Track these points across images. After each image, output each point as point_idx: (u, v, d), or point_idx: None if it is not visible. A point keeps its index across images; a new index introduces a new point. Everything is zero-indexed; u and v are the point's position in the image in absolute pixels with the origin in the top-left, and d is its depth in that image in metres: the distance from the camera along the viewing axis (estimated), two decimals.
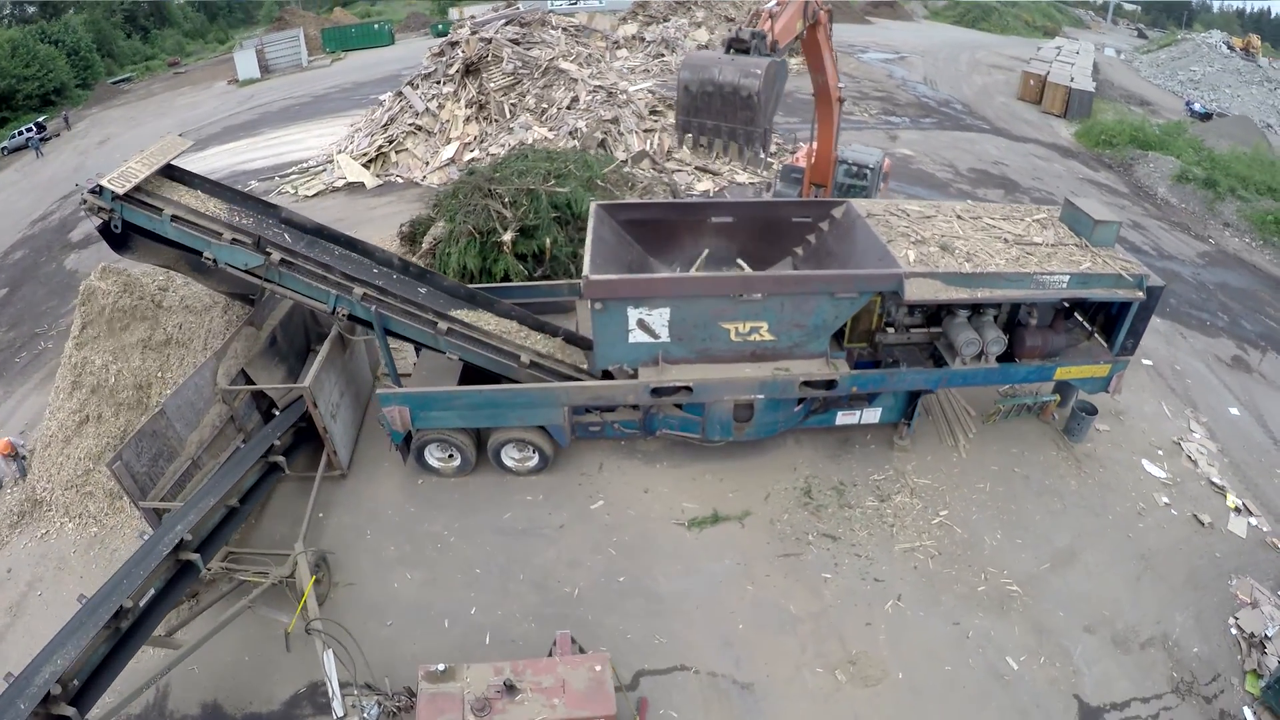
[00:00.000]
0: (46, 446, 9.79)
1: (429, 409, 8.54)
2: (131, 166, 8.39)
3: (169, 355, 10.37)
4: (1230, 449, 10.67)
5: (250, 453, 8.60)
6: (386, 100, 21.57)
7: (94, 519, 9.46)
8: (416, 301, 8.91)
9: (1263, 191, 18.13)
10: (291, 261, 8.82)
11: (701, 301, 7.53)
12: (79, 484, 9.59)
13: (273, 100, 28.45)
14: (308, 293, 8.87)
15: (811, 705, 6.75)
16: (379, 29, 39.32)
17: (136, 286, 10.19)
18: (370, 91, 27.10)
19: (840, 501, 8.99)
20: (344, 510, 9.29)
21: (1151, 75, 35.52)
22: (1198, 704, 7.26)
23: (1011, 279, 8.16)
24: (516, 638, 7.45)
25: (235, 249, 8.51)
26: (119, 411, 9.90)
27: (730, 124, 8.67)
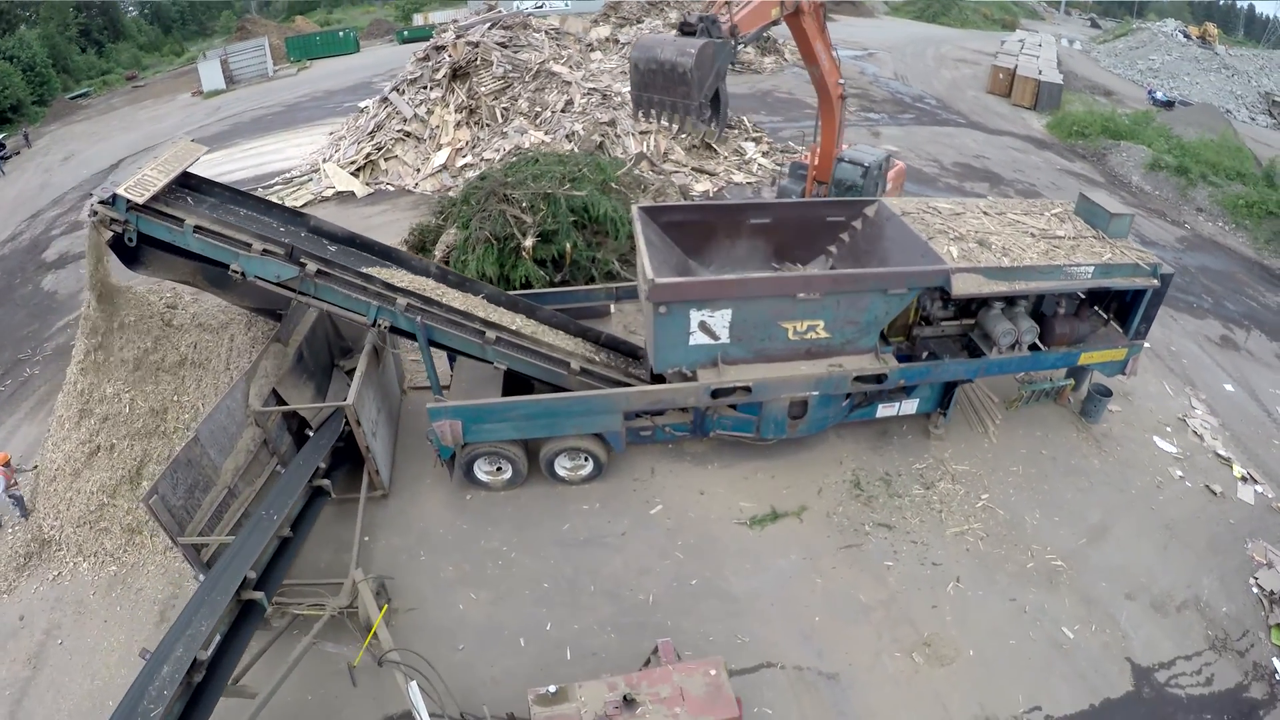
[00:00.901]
0: (52, 481, 9.35)
1: (483, 421, 8.61)
2: (147, 174, 8.08)
3: (184, 377, 10.16)
4: (1230, 423, 11.68)
5: (296, 477, 8.39)
6: (370, 107, 21.48)
7: (111, 557, 9.08)
8: (463, 310, 8.96)
9: (1232, 177, 19.59)
10: (328, 272, 8.65)
11: (763, 302, 8.00)
12: (92, 520, 9.21)
13: (243, 111, 27.98)
14: (346, 304, 8.76)
15: (895, 689, 7.28)
16: (344, 37, 39.19)
17: (143, 305, 9.94)
18: (343, 100, 26.86)
19: (889, 491, 9.59)
20: (391, 532, 9.21)
21: (1111, 65, 37.59)
22: (1233, 659, 8.05)
23: (1044, 271, 8.87)
24: (597, 650, 7.58)
25: (267, 261, 8.31)
26: (133, 441, 9.58)
27: (671, 98, 9.93)
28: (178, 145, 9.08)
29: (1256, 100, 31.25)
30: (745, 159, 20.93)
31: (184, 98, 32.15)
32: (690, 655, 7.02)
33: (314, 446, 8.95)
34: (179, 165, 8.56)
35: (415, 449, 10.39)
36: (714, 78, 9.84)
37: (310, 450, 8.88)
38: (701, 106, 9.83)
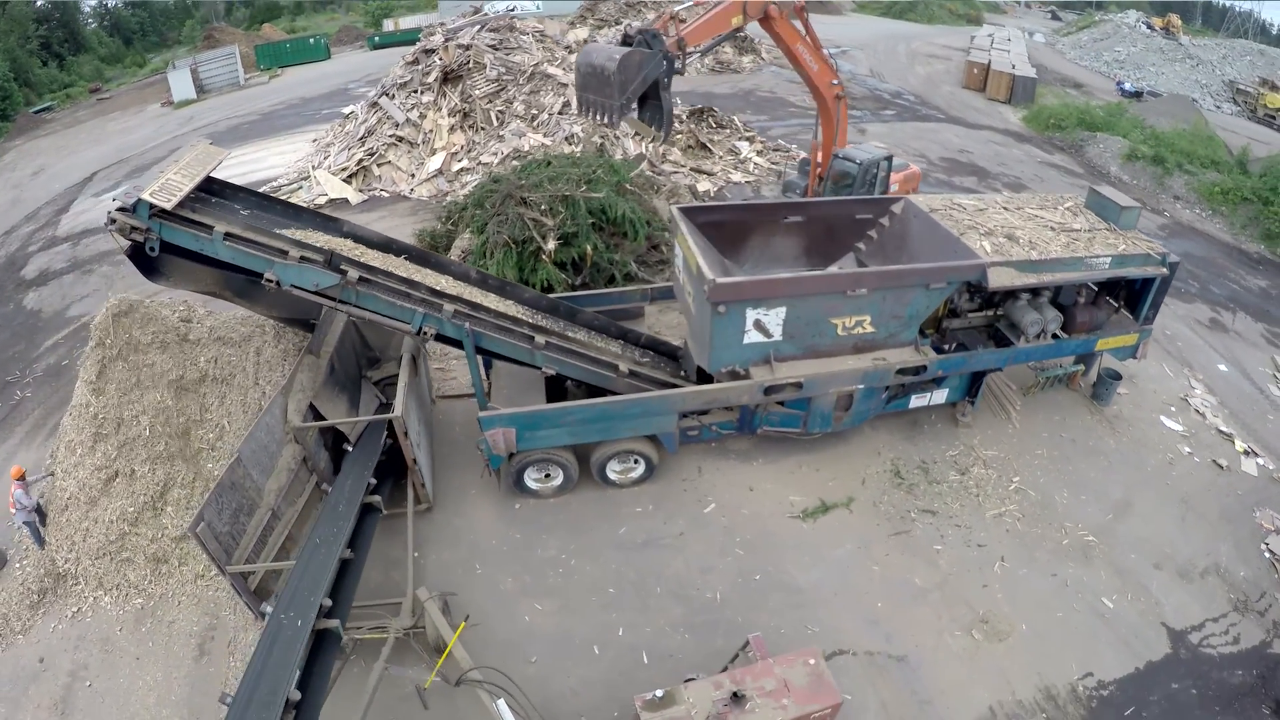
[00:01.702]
0: (64, 510, 8.98)
1: (537, 428, 8.78)
2: (171, 179, 7.75)
3: (206, 394, 9.90)
4: (1227, 400, 12.67)
5: (347, 495, 8.25)
6: (359, 112, 21.45)
7: (136, 589, 8.74)
8: (511, 315, 9.01)
9: (1206, 165, 20.94)
10: (370, 279, 8.44)
11: (815, 299, 8.50)
12: (113, 550, 8.85)
13: (217, 120, 27.62)
14: (390, 312, 8.56)
15: (961, 666, 7.85)
16: (314, 43, 38.97)
17: (156, 319, 9.67)
18: (320, 107, 26.71)
19: (928, 479, 10.21)
20: (441, 546, 9.19)
21: (1077, 57, 39.42)
22: (1255, 618, 8.87)
23: (1068, 263, 9.59)
24: (674, 652, 7.81)
25: (305, 268, 8.04)
26: (155, 465, 9.27)
27: (600, 98, 11.22)
28: (197, 149, 8.79)
29: (1221, 89, 33.22)
30: (741, 158, 21.52)
31: (153, 108, 31.58)
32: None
33: (359, 462, 8.85)
34: (202, 169, 8.24)
35: (451, 460, 10.49)
36: (639, 83, 11.18)
37: (357, 466, 8.78)
38: (623, 107, 11.20)
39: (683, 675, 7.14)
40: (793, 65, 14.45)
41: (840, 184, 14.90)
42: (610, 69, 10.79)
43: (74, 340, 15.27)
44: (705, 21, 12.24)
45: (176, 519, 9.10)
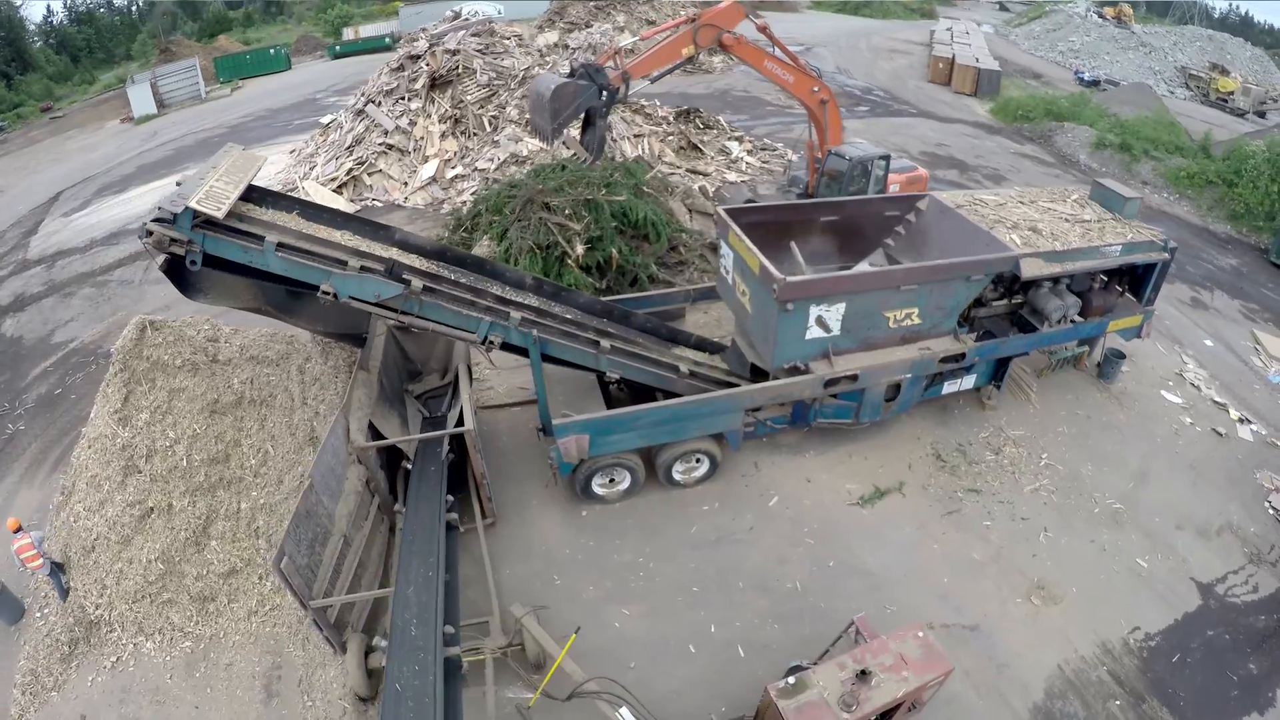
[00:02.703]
0: (90, 552, 8.58)
1: (610, 433, 9.19)
2: (215, 186, 7.46)
3: (243, 417, 9.59)
4: (1217, 373, 14.05)
5: (430, 514, 8.38)
6: (344, 120, 21.47)
7: (181, 631, 8.37)
8: (576, 321, 9.29)
9: (1171, 151, 22.77)
10: (435, 288, 8.43)
11: (871, 294, 9.29)
12: (152, 592, 8.44)
13: (183, 134, 27.17)
14: (455, 322, 8.61)
15: (1027, 630, 8.72)
16: (275, 54, 38.90)
17: (182, 340, 9.37)
18: (291, 118, 26.60)
19: (966, 460, 11.14)
20: (514, 559, 9.38)
21: (1032, 48, 41.83)
22: (1269, 569, 10.05)
23: (1086, 252, 10.64)
24: (768, 643, 8.30)
25: (365, 279, 7.94)
26: (194, 497, 8.91)
27: (541, 122, 12.70)
28: (231, 154, 8.55)
29: (1174, 75, 35.80)
30: (732, 158, 22.37)
31: (113, 125, 30.90)
32: None
33: (427, 479, 8.95)
34: (243, 175, 7.97)
35: (503, 471, 10.65)
36: (571, 111, 12.64)
37: (426, 484, 8.89)
38: (557, 130, 12.66)
39: (780, 665, 7.83)
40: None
41: (834, 179, 15.88)
42: (545, 97, 12.23)
43: (64, 368, 15.05)
44: (653, 54, 13.51)
45: (223, 553, 8.81)
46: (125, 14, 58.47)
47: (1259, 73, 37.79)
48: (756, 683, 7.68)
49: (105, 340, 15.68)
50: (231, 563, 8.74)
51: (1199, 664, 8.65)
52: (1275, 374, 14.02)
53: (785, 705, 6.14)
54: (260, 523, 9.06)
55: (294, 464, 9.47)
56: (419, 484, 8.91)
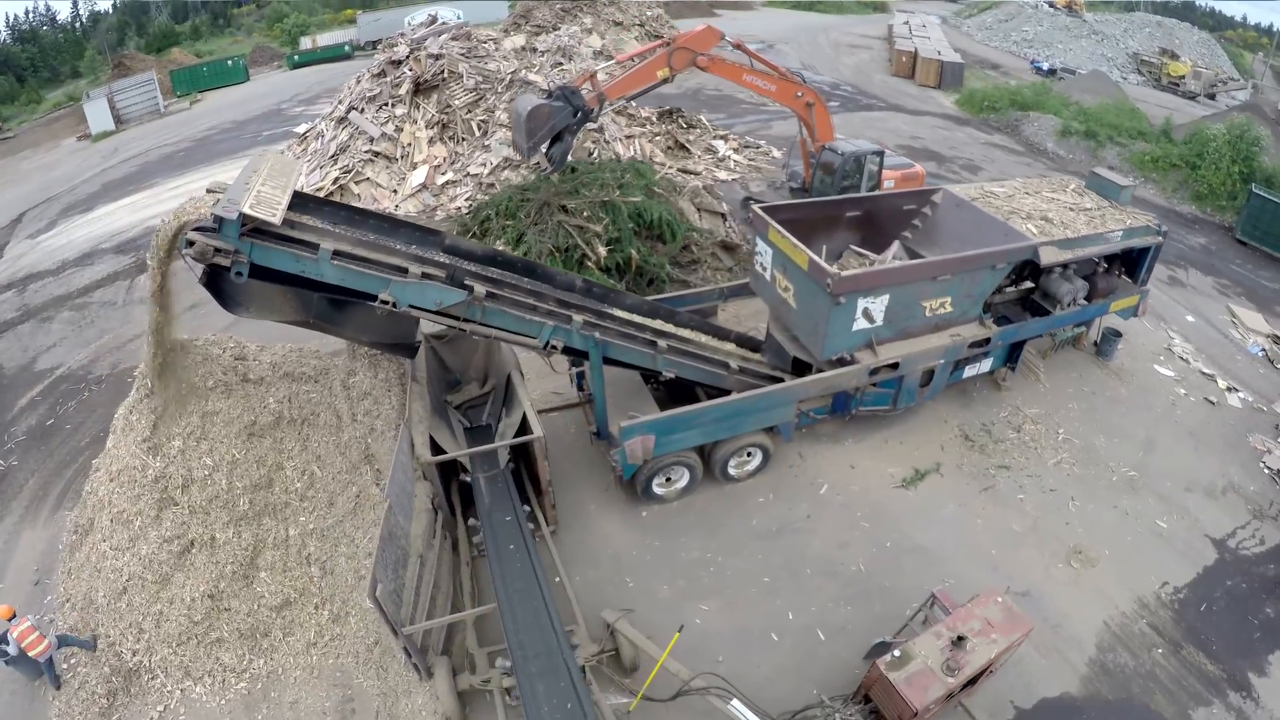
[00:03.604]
0: (121, 594, 8.22)
1: (674, 431, 9.67)
2: (263, 191, 7.21)
3: (283, 438, 9.37)
4: (1202, 346, 15.44)
5: (514, 524, 8.53)
6: (325, 129, 21.42)
7: (233, 672, 8.09)
8: (635, 323, 9.64)
9: (1134, 136, 24.53)
10: (498, 294, 8.45)
11: (912, 285, 10.08)
12: (198, 633, 8.11)
13: (147, 150, 26.63)
14: (517, 328, 8.70)
15: (1071, 592, 9.62)
16: (233, 65, 38.83)
17: (210, 360, 9.25)
18: (259, 129, 26.40)
19: (992, 439, 12.07)
20: (582, 565, 9.56)
21: (985, 39, 43.99)
22: (1271, 523, 11.24)
23: (1093, 239, 11.69)
24: (844, 624, 8.88)
25: (426, 286, 7.90)
26: (239, 527, 8.61)
27: (519, 140, 13.85)
28: (268, 158, 8.29)
29: (1126, 61, 38.21)
30: (719, 157, 23.15)
31: (69, 143, 30.16)
32: None
33: (498, 490, 9.15)
34: (287, 180, 7.74)
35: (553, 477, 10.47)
36: (545, 131, 13.72)
37: (499, 494, 9.09)
38: (532, 149, 13.79)
39: (860, 644, 8.54)
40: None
41: (828, 173, 16.84)
42: (522, 117, 13.45)
43: (53, 396, 14.74)
44: (628, 77, 14.65)
45: (274, 585, 8.59)
46: (69, 31, 58.01)
47: (1206, 56, 40.71)
48: (841, 663, 8.44)
49: (94, 365, 15.44)
50: (284, 594, 8.56)
51: (1224, 611, 9.70)
52: (1254, 345, 15.48)
53: (896, 677, 6.78)
54: (312, 549, 8.93)
55: (347, 484, 9.48)
56: (489, 495, 9.07)
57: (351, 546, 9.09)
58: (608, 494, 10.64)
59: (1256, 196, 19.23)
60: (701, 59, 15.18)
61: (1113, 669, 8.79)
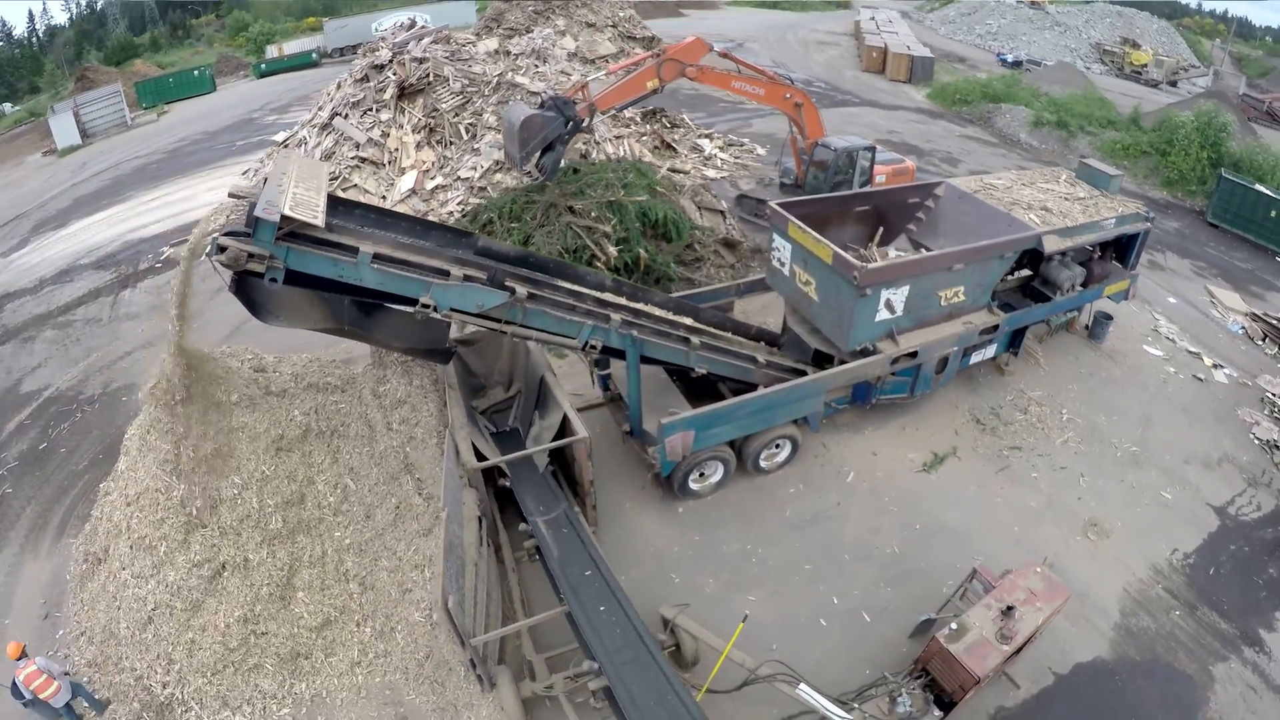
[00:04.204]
0: (146, 625, 7.96)
1: (712, 426, 9.99)
2: (300, 193, 7.09)
3: (311, 452, 9.26)
4: (1186, 326, 16.41)
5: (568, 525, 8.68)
6: (308, 136, 21.33)
7: (274, 698, 7.88)
8: (669, 320, 9.91)
9: (1104, 125, 25.74)
10: (538, 295, 8.52)
11: (930, 276, 10.64)
12: (235, 660, 7.89)
13: (117, 163, 26.26)
14: (557, 329, 8.83)
15: (1092, 561, 10.26)
16: (199, 76, 38.85)
17: (230, 374, 9.13)
18: (233, 138, 26.22)
19: (1001, 422, 12.74)
20: (626, 564, 9.71)
21: (950, 33, 45.46)
22: (1266, 489, 12.11)
23: (1090, 227, 12.44)
24: (886, 605, 9.34)
25: (468, 288, 7.93)
26: (272, 546, 8.43)
27: (512, 150, 14.42)
28: (293, 159, 8.10)
29: (1089, 51, 39.85)
30: (706, 155, 23.66)
31: (34, 159, 29.62)
32: None
33: (542, 492, 9.37)
34: (318, 182, 7.64)
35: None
36: (538, 141, 14.26)
37: (547, 497, 9.31)
38: (525, 158, 14.36)
39: (904, 623, 9.02)
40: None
41: (821, 169, 17.53)
42: (515, 127, 13.92)
43: (44, 419, 14.50)
44: (619, 88, 15.40)
45: (312, 604, 8.42)
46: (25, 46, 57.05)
47: (1166, 44, 42.75)
48: (888, 643, 8.94)
49: (84, 385, 15.22)
50: (324, 613, 8.41)
51: (1231, 574, 10.46)
52: (1233, 323, 16.52)
53: (955, 648, 7.25)
54: (349, 565, 8.84)
55: (385, 496, 9.41)
56: (536, 499, 9.25)
57: (393, 560, 9.04)
58: (643, 492, 10.94)
59: (1226, 180, 20.45)
60: (691, 70, 15.75)
61: (1136, 632, 9.45)
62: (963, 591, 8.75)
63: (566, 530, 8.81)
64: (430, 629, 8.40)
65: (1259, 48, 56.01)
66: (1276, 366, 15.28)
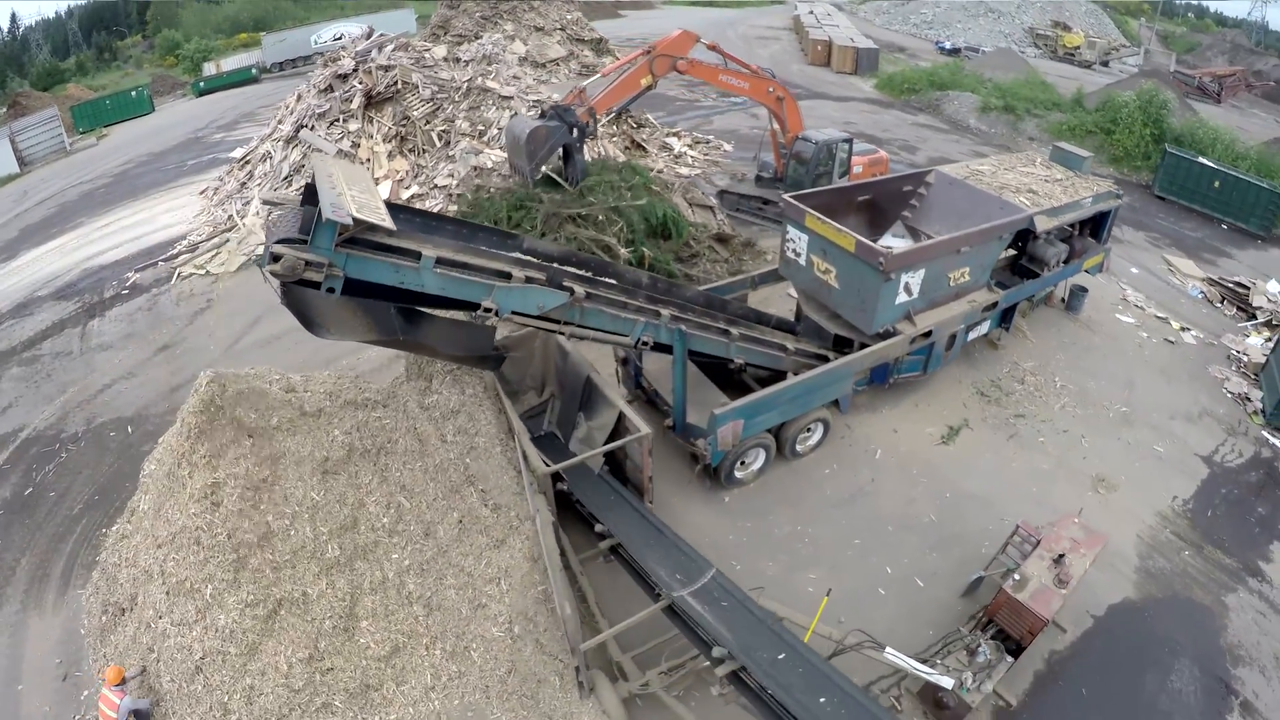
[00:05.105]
0: (196, 675, 7.55)
1: (758, 414, 10.61)
2: (358, 196, 6.93)
3: (357, 472, 8.92)
4: (1151, 294, 18.04)
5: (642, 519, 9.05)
6: (273, 149, 21.11)
7: None
8: (710, 313, 10.46)
9: (1049, 107, 27.67)
10: (595, 294, 8.73)
11: (942, 259, 11.60)
12: (300, 702, 7.54)
13: (61, 190, 25.48)
14: (613, 327, 9.10)
15: (1105, 513, 11.34)
16: (137, 97, 38.41)
17: (261, 399, 8.71)
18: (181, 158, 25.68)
19: (1003, 392, 13.86)
20: None
21: (885, 24, 47.67)
22: (1244, 437, 13.59)
23: (1072, 206, 13.69)
24: (935, 570, 10.16)
25: (530, 290, 8.06)
26: (331, 576, 8.06)
27: (520, 162, 14.65)
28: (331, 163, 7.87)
29: (1022, 36, 42.42)
30: (676, 154, 24.43)
31: None
32: None
33: (609, 493, 9.67)
34: (367, 184, 7.57)
35: None
36: (546, 151, 14.70)
37: (615, 495, 9.64)
38: (534, 170, 14.61)
39: (956, 584, 9.89)
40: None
41: (802, 162, 18.54)
42: (522, 139, 14.18)
43: (24, 462, 13.99)
44: (614, 88, 16.01)
45: (378, 633, 8.12)
46: None
47: (1095, 25, 45.86)
48: (943, 604, 9.79)
49: (64, 423, 14.79)
50: (392, 641, 8.09)
51: (1225, 514, 11.79)
52: (1193, 288, 18.25)
53: (1022, 596, 8.16)
54: (411, 587, 8.52)
55: (445, 511, 9.17)
56: (604, 499, 9.59)
57: (461, 576, 8.81)
58: (688, 486, 11.48)
59: (1171, 155, 22.43)
60: (681, 63, 16.48)
61: (1155, 573, 10.60)
62: (1006, 548, 9.68)
63: (644, 524, 9.17)
64: (511, 642, 8.31)
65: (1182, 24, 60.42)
66: (1237, 326, 17.04)
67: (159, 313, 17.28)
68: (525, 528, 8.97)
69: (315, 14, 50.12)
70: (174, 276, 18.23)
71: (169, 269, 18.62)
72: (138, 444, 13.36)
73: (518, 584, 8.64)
